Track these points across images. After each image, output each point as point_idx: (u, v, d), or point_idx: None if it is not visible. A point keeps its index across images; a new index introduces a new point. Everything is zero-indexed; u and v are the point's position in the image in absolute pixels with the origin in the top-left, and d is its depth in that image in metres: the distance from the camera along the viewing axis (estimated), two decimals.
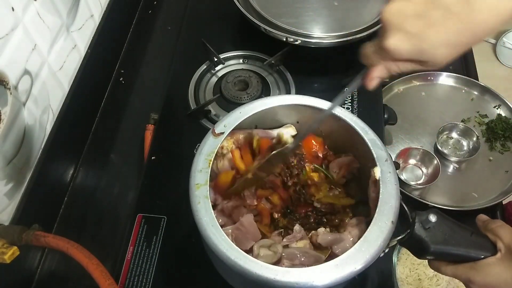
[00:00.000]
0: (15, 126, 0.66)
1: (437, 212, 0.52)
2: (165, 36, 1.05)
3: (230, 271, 0.54)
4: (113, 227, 0.78)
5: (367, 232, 0.50)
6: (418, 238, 0.51)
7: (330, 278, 0.47)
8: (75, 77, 0.83)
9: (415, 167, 0.92)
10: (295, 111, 0.63)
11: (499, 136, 0.95)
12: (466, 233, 0.53)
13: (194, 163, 0.55)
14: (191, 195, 0.53)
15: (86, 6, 0.86)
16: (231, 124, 0.58)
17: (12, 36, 0.63)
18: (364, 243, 0.49)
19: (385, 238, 0.50)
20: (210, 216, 0.51)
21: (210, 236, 0.49)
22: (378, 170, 0.54)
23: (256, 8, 0.92)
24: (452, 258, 0.54)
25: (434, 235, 0.51)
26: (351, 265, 0.48)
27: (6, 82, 0.63)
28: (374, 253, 0.49)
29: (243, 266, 0.47)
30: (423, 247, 0.52)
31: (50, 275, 0.74)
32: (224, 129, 0.58)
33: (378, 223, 0.50)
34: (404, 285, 0.76)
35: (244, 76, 0.88)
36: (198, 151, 0.56)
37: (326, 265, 0.48)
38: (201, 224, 0.50)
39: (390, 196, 0.53)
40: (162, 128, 0.83)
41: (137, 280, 0.67)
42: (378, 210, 0.51)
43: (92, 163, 0.87)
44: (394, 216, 0.51)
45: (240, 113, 0.60)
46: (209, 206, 0.51)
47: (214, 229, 0.50)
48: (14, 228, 0.61)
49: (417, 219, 0.52)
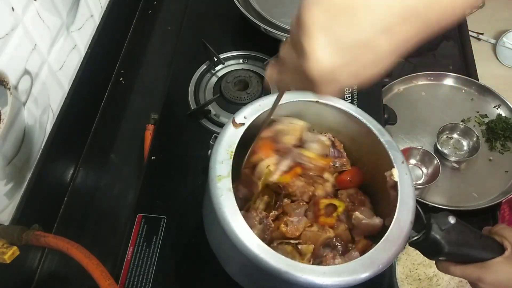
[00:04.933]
0: (15, 126, 0.66)
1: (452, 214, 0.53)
2: (165, 36, 1.05)
3: (246, 268, 0.53)
4: (113, 227, 0.78)
5: (388, 232, 0.50)
6: (433, 239, 0.52)
7: (357, 277, 0.47)
8: (75, 77, 0.83)
9: (415, 167, 0.92)
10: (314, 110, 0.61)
11: (499, 136, 0.95)
12: (476, 235, 0.54)
13: (213, 154, 0.52)
14: (212, 187, 0.49)
15: (86, 6, 0.86)
16: (251, 116, 0.56)
17: (12, 36, 0.63)
18: (387, 242, 0.49)
19: (404, 237, 0.50)
20: (234, 209, 0.48)
21: (235, 231, 0.47)
22: (396, 172, 0.54)
23: (256, 8, 0.92)
24: (463, 259, 0.55)
25: (449, 236, 0.52)
26: (376, 264, 0.48)
27: (6, 82, 0.63)
28: (396, 252, 0.49)
29: (271, 263, 0.46)
30: (438, 248, 0.52)
31: (50, 275, 0.74)
32: (244, 120, 0.56)
33: (399, 222, 0.51)
34: (404, 285, 0.76)
35: (244, 76, 0.88)
36: (217, 142, 0.53)
37: (352, 264, 0.48)
38: (223, 218, 0.48)
39: (408, 196, 0.53)
40: (162, 128, 0.83)
41: (137, 280, 0.67)
42: (398, 210, 0.51)
43: (92, 163, 0.87)
44: (412, 216, 0.51)
45: (260, 105, 0.58)
46: (233, 199, 0.49)
47: (239, 224, 0.48)
48: (14, 228, 0.61)
49: (433, 221, 0.52)
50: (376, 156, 0.58)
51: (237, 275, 0.60)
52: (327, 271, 0.47)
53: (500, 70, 2.16)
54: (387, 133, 0.58)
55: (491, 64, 2.16)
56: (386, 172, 0.55)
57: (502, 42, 2.13)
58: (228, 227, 0.48)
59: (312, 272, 0.46)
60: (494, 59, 2.18)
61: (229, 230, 0.47)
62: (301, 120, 0.60)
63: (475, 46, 1.12)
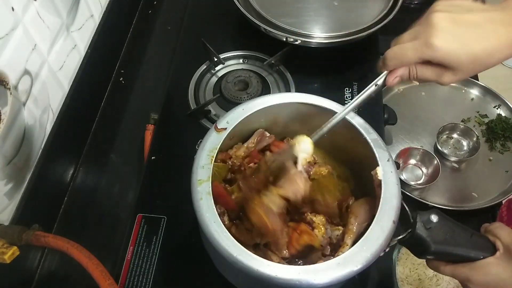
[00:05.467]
0: (15, 126, 0.66)
1: (438, 213, 0.52)
2: (165, 36, 1.05)
3: (231, 269, 0.54)
4: (113, 227, 0.78)
5: (368, 231, 0.50)
6: (419, 237, 0.51)
7: (332, 276, 0.47)
8: (75, 77, 0.83)
9: (415, 167, 0.92)
10: (298, 111, 0.62)
11: (499, 136, 0.95)
12: (467, 234, 0.53)
13: (196, 159, 0.55)
14: (193, 191, 0.52)
15: (86, 6, 0.86)
16: (234, 120, 0.58)
17: (12, 36, 0.63)
18: (366, 242, 0.49)
19: (386, 237, 0.50)
20: (212, 213, 0.50)
21: (212, 233, 0.49)
22: (380, 170, 0.54)
23: (256, 8, 0.92)
24: (452, 258, 0.54)
25: (435, 235, 0.51)
26: (353, 264, 0.48)
27: (6, 82, 0.63)
28: (375, 252, 0.49)
29: (245, 263, 0.47)
30: (424, 246, 0.52)
31: (50, 275, 0.74)
32: (226, 125, 0.57)
33: (380, 222, 0.50)
34: (404, 285, 0.76)
35: (244, 76, 0.88)
36: (200, 147, 0.56)
37: (328, 263, 0.48)
38: (203, 220, 0.50)
39: (392, 195, 0.53)
40: (162, 128, 0.83)
41: (137, 280, 0.67)
42: (380, 210, 0.51)
43: (92, 163, 0.87)
44: (395, 216, 0.51)
45: (243, 110, 0.59)
46: (212, 203, 0.51)
47: (216, 225, 0.49)
48: (14, 228, 0.61)
49: (419, 219, 0.52)
50: (363, 155, 0.58)
51: (228, 275, 0.61)
52: (303, 270, 0.47)
53: (500, 70, 2.16)
54: (373, 131, 0.58)
55: None
56: (372, 171, 0.55)
57: None
58: (206, 229, 0.49)
59: (287, 271, 0.47)
60: None
61: (208, 232, 0.49)
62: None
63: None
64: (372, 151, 0.56)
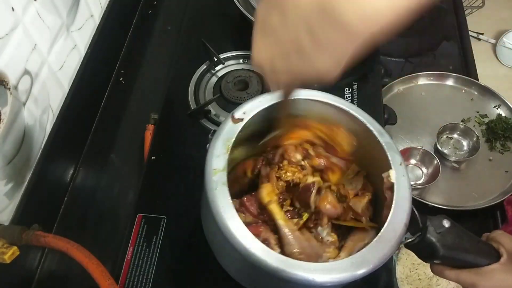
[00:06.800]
0: (15, 126, 0.66)
1: (449, 218, 0.53)
2: (165, 36, 1.05)
3: (240, 263, 0.53)
4: (113, 227, 0.79)
5: (381, 232, 0.50)
6: (429, 242, 0.52)
7: (346, 275, 0.47)
8: (75, 77, 0.83)
9: (415, 167, 0.92)
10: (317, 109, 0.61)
11: (499, 136, 0.95)
12: (473, 240, 0.54)
13: (211, 148, 0.52)
14: (207, 181, 0.49)
15: (86, 6, 0.86)
16: (250, 112, 0.56)
17: (12, 36, 0.63)
18: (379, 243, 0.49)
19: (398, 239, 0.50)
20: (227, 203, 0.48)
21: (227, 224, 0.47)
22: (393, 173, 0.54)
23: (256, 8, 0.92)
24: (459, 263, 0.55)
25: (445, 240, 0.52)
26: (365, 264, 0.48)
27: (6, 82, 0.63)
28: (388, 254, 0.49)
29: (259, 256, 0.46)
30: (433, 251, 0.52)
31: (50, 275, 0.74)
32: (243, 115, 0.56)
33: (392, 224, 0.51)
34: (404, 285, 0.76)
35: (244, 76, 0.88)
36: (215, 136, 0.54)
37: (343, 262, 0.48)
38: (217, 211, 0.48)
39: (404, 199, 0.53)
40: (162, 128, 0.83)
41: (137, 280, 0.67)
42: (393, 213, 0.51)
43: (92, 163, 0.87)
44: (407, 219, 0.51)
45: (260, 102, 0.57)
46: (227, 194, 0.49)
47: (232, 217, 0.48)
48: (14, 228, 0.61)
49: (430, 223, 0.52)
50: (374, 157, 0.58)
51: (233, 271, 0.60)
52: (318, 268, 0.47)
53: (500, 70, 2.16)
54: (386, 134, 0.58)
55: (491, 64, 2.17)
56: (383, 173, 0.55)
57: (502, 42, 2.13)
58: (221, 220, 0.47)
59: (302, 268, 0.47)
60: (494, 59, 2.18)
61: (222, 224, 0.47)
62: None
63: (475, 46, 1.12)
64: (385, 154, 0.56)
